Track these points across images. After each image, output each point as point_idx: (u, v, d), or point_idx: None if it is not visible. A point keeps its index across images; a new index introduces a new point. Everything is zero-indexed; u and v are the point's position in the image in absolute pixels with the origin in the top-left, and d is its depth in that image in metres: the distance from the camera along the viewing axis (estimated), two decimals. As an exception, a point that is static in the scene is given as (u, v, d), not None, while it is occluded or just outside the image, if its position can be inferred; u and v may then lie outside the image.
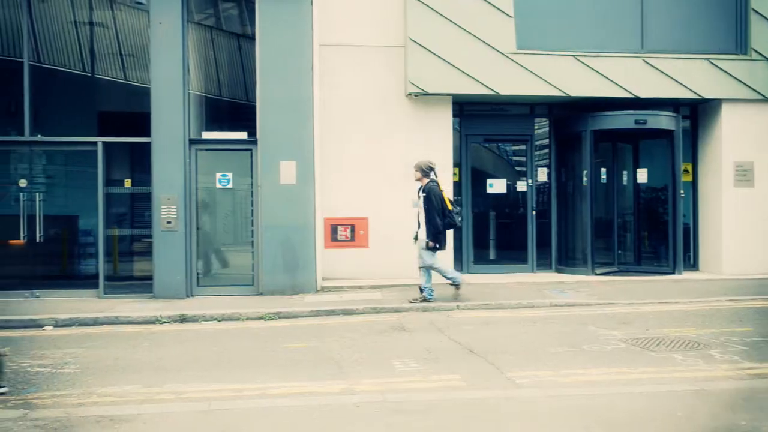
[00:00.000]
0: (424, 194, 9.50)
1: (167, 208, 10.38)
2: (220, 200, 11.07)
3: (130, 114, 11.81)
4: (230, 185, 10.87)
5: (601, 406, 5.12)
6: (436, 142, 11.95)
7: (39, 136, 10.85)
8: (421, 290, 9.68)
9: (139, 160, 11.45)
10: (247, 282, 10.81)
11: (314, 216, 10.80)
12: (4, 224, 11.19)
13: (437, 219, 9.36)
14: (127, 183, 11.15)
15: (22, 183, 11.03)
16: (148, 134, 10.50)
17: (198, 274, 10.70)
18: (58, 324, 8.84)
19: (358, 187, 11.82)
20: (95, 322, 8.92)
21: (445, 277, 9.81)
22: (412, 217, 11.70)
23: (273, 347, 7.48)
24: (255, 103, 10.81)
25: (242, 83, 12.02)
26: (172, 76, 10.45)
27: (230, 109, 12.26)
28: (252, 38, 11.06)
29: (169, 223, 10.39)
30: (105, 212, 10.64)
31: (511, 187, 13.15)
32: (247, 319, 9.14)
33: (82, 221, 13.01)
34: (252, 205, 10.84)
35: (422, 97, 11.85)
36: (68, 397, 5.62)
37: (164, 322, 8.98)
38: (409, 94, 11.81)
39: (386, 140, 11.90)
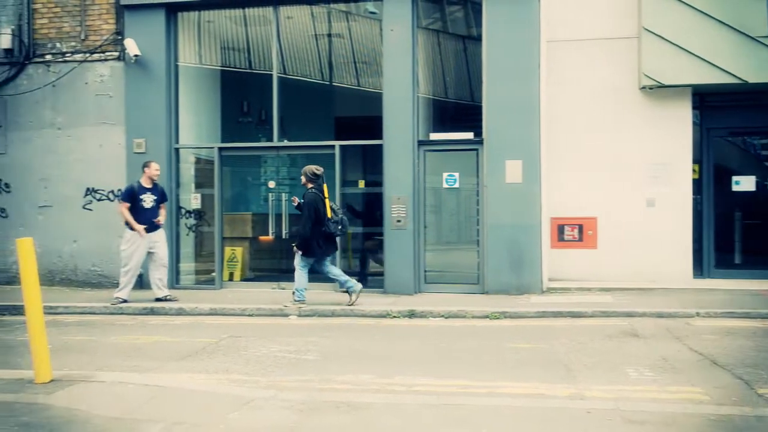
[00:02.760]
0: (301, 200, 9.64)
1: (397, 207, 10.82)
2: (446, 199, 11.31)
3: (363, 118, 12.50)
4: (456, 185, 11.06)
5: None
6: (673, 137, 11.17)
7: (285, 141, 11.90)
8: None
9: (370, 162, 12.08)
10: (472, 280, 10.93)
11: (540, 215, 10.63)
12: (256, 222, 12.42)
13: (307, 226, 9.46)
14: (361, 184, 11.82)
15: (271, 184, 12.16)
16: (379, 137, 11.04)
17: (425, 271, 11.02)
18: (301, 314, 9.59)
19: (587, 186, 11.40)
20: (333, 314, 9.56)
21: (339, 281, 9.83)
22: (645, 216, 11.12)
23: (499, 346, 7.49)
24: (480, 103, 10.89)
25: (467, 84, 12.16)
26: (402, 81, 10.88)
27: (456, 110, 12.47)
28: (477, 39, 11.15)
29: (398, 221, 10.83)
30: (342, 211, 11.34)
31: (760, 185, 11.87)
32: (472, 317, 9.25)
33: (321, 219, 14.01)
34: (477, 205, 10.94)
35: (657, 89, 11.13)
36: (310, 382, 6.09)
37: (394, 316, 9.38)
38: (643, 87, 11.16)
39: (617, 136, 11.35)
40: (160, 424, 4.78)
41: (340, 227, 9.65)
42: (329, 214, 9.60)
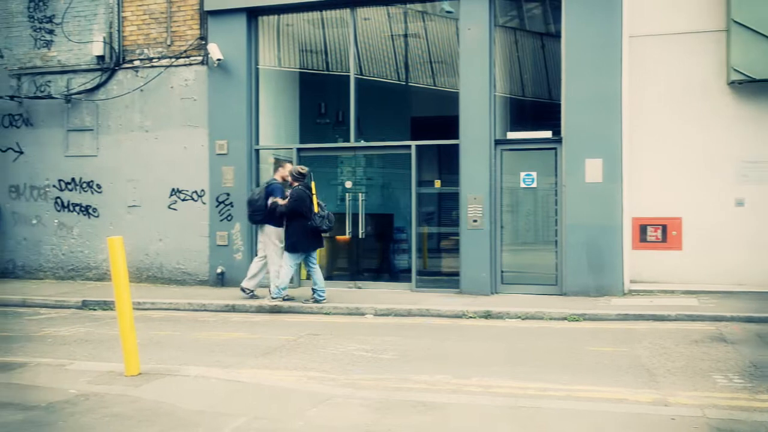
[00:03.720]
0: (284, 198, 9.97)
1: (474, 207, 10.76)
2: (523, 199, 11.16)
3: (439, 118, 12.48)
4: (534, 184, 10.90)
5: None
6: (764, 134, 10.67)
7: (362, 141, 12.01)
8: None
9: (446, 162, 12.05)
10: (549, 281, 10.75)
11: (621, 215, 10.34)
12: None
13: (288, 207, 9.73)
14: (437, 183, 11.80)
15: (348, 184, 12.30)
16: (455, 136, 11.00)
17: (502, 271, 10.91)
18: (377, 313, 9.68)
19: (671, 185, 11.02)
20: (408, 314, 9.59)
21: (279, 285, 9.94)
22: (734, 216, 10.69)
23: (578, 349, 7.34)
24: (559, 101, 10.69)
25: (545, 82, 11.97)
26: (479, 80, 10.80)
27: (533, 108, 12.30)
28: (556, 36, 10.96)
29: (475, 221, 10.76)
30: (417, 211, 11.37)
31: None
32: (550, 318, 9.10)
33: (396, 219, 14.11)
34: (556, 204, 10.75)
35: (747, 84, 10.65)
36: (387, 381, 6.13)
37: (470, 317, 9.33)
38: (732, 83, 10.70)
39: (703, 133, 10.92)
40: (242, 419, 4.92)
41: (326, 221, 9.83)
42: (316, 209, 9.80)
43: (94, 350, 7.65)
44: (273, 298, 10.04)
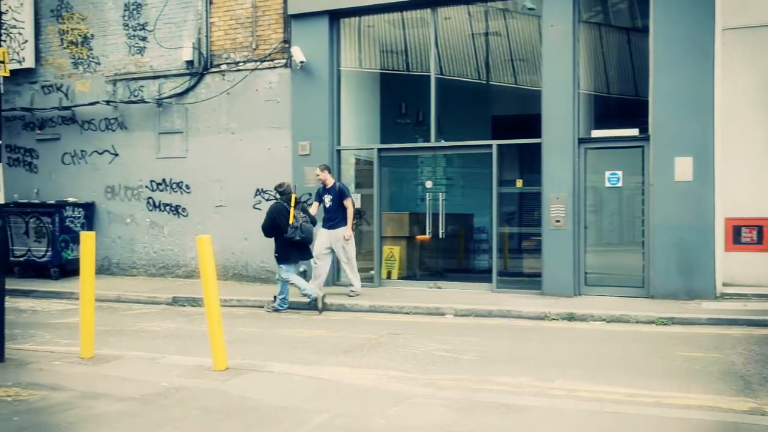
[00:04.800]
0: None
1: (556, 207, 10.56)
2: (607, 199, 10.88)
3: (520, 116, 12.32)
4: (619, 183, 10.60)
5: None
6: None
7: (442, 141, 11.99)
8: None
9: (527, 161, 11.89)
10: (636, 283, 10.42)
11: (713, 216, 9.93)
12: (413, 222, 12.62)
13: (264, 229, 10.03)
14: (519, 183, 11.65)
15: (428, 184, 12.31)
16: (537, 135, 10.82)
17: (585, 273, 10.66)
18: (457, 314, 9.64)
19: (767, 184, 10.49)
20: (489, 314, 9.51)
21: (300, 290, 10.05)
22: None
23: (666, 354, 7.10)
24: (646, 97, 10.36)
25: (631, 78, 11.64)
26: (562, 77, 10.60)
27: (618, 105, 11.98)
28: (643, 30, 10.62)
29: (557, 221, 10.56)
30: (498, 211, 11.24)
31: None
32: (637, 322, 8.83)
33: (476, 219, 14.04)
34: (643, 204, 10.42)
35: None
36: (467, 382, 6.10)
37: (552, 318, 9.16)
38: (835, 75, 10.10)
39: (804, 130, 10.35)
40: (323, 415, 5.00)
41: (299, 232, 9.89)
42: (291, 220, 9.94)
43: (184, 345, 7.94)
44: (276, 309, 10.20)
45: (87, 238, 6.87)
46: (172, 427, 4.80)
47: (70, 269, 13.23)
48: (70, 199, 13.70)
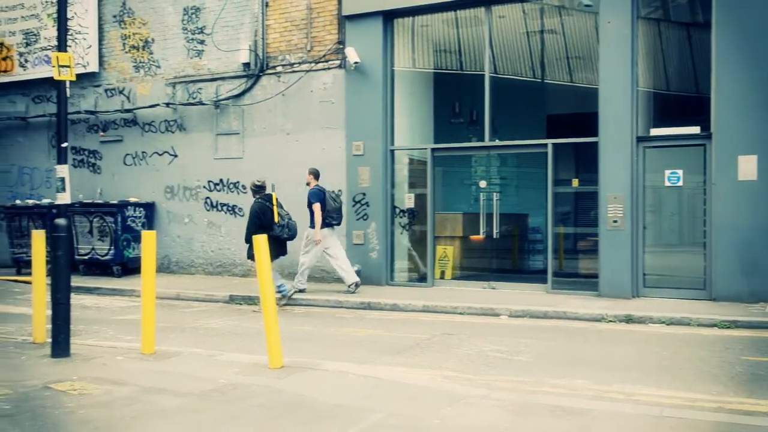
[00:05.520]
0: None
1: (614, 207, 10.36)
2: (667, 198, 10.62)
3: (576, 115, 12.13)
4: (680, 183, 10.33)
5: None
6: None
7: (496, 140, 11.90)
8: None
9: (583, 160, 11.70)
10: (697, 285, 10.15)
11: (779, 216, 9.61)
12: (467, 221, 12.57)
13: (248, 231, 10.01)
14: (575, 182, 11.47)
15: (482, 184, 12.23)
16: (593, 134, 10.64)
17: (644, 274, 10.43)
18: (512, 314, 9.56)
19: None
20: (545, 316, 9.40)
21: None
22: None
23: (730, 358, 6.90)
24: (707, 94, 10.07)
25: (692, 75, 11.34)
26: (620, 75, 10.39)
27: (678, 103, 11.67)
28: (704, 25, 10.33)
29: (615, 222, 10.36)
30: (553, 211, 11.10)
31: None
32: (698, 324, 8.60)
33: (531, 219, 13.89)
34: (704, 204, 10.14)
35: None
36: (523, 384, 6.05)
37: (610, 320, 9.00)
38: None
39: None
40: (378, 414, 5.02)
41: (286, 230, 10.24)
42: (276, 219, 10.10)
43: (241, 342, 8.09)
44: (287, 295, 10.62)
45: (148, 237, 7.06)
46: (231, 423, 4.91)
47: (131, 267, 13.63)
48: (132, 199, 14.11)
